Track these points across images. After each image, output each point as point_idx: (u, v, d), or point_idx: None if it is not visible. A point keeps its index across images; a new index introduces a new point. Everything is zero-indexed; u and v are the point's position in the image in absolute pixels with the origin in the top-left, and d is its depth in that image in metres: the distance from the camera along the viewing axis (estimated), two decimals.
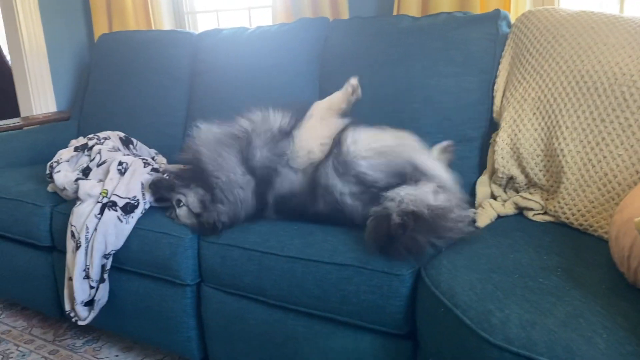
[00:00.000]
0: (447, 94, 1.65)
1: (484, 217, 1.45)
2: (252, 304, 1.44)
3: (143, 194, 1.60)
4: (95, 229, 1.56)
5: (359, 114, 1.80)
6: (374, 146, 1.43)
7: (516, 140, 1.50)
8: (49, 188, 1.88)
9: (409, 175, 1.35)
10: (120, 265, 1.62)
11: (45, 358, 1.86)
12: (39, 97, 2.88)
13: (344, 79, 1.85)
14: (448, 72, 1.66)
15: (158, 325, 1.63)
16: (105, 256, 1.58)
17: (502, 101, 1.60)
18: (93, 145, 1.85)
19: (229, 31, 2.22)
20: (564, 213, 1.36)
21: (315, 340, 1.34)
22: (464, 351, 0.96)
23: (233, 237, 1.43)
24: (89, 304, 1.64)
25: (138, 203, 1.59)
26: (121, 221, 1.56)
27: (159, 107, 2.30)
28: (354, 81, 1.64)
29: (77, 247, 1.58)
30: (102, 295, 1.63)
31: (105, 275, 1.60)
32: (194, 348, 1.60)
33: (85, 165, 1.78)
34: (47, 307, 1.95)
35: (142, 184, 1.61)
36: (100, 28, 2.79)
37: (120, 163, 1.67)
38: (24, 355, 1.89)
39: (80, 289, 1.60)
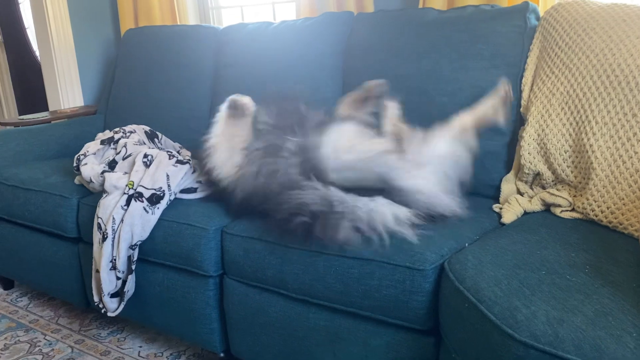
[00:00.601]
0: (475, 87, 1.63)
1: (510, 212, 1.42)
2: (274, 297, 1.44)
3: (168, 185, 1.62)
4: (122, 220, 1.58)
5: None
6: (347, 158, 1.36)
7: (543, 135, 1.47)
8: (76, 180, 1.92)
9: (383, 190, 1.31)
10: (145, 256, 1.64)
11: (72, 347, 1.90)
12: (67, 92, 2.94)
13: (368, 73, 1.85)
14: (475, 65, 1.64)
15: (181, 317, 1.64)
16: (132, 247, 1.60)
17: (529, 96, 1.57)
18: (119, 139, 1.88)
19: (253, 26, 2.23)
20: (593, 210, 1.33)
21: (336, 334, 1.34)
22: (488, 347, 0.95)
23: (256, 229, 1.44)
24: (117, 295, 1.67)
25: (164, 194, 1.60)
26: (147, 212, 1.58)
27: (183, 101, 2.33)
28: (504, 85, 1.45)
29: (104, 239, 1.60)
30: (131, 286, 1.66)
31: (133, 267, 1.62)
32: (217, 340, 1.61)
33: (111, 158, 1.80)
34: (73, 298, 1.98)
35: (168, 175, 1.63)
36: (127, 23, 2.83)
37: (145, 155, 1.69)
38: (50, 344, 1.93)
39: (107, 281, 1.62)
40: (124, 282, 1.64)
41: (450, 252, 1.22)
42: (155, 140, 2.03)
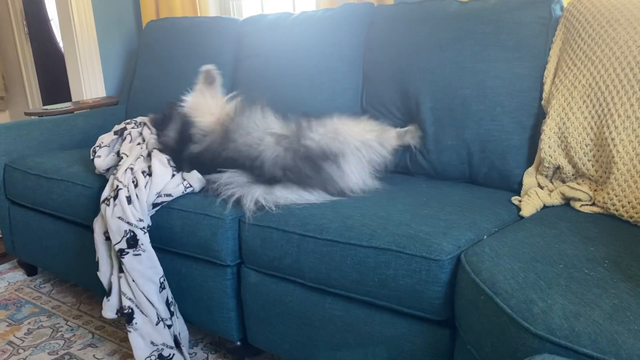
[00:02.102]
0: (499, 79, 1.61)
1: (529, 206, 1.41)
2: (291, 286, 1.45)
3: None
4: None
5: (407, 101, 1.79)
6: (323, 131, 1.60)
7: (564, 129, 1.45)
8: (97, 170, 1.95)
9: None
10: (164, 246, 1.67)
11: (92, 333, 1.94)
12: (90, 83, 2.98)
13: (389, 66, 1.84)
14: (499, 57, 1.62)
15: (199, 306, 1.67)
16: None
17: (550, 89, 1.55)
18: (130, 131, 1.95)
19: (273, 17, 2.23)
20: (614, 205, 1.31)
21: (352, 324, 1.34)
22: (503, 340, 0.95)
23: (274, 219, 1.45)
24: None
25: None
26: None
27: None
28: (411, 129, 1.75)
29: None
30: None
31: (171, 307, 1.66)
32: (234, 329, 1.63)
33: (119, 148, 1.88)
34: (94, 285, 2.02)
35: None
36: (148, 15, 2.85)
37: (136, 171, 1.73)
38: (72, 330, 1.97)
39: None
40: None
41: (467, 243, 1.21)
42: None
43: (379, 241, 1.24)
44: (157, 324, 1.58)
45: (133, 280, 1.57)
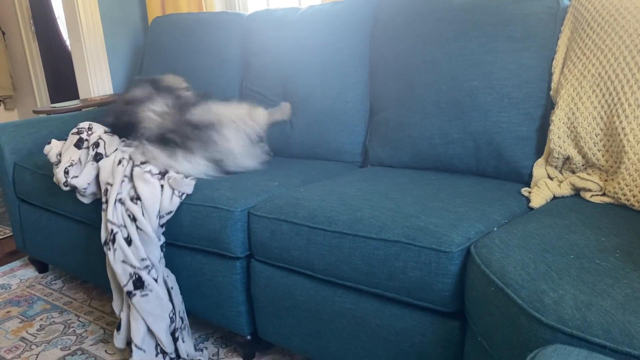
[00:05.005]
0: (506, 70, 1.60)
1: (539, 197, 1.40)
2: (300, 279, 1.46)
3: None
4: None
5: (413, 94, 1.79)
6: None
7: (574, 119, 1.44)
8: (79, 190, 1.88)
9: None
10: (174, 240, 1.67)
11: (104, 329, 1.95)
12: (97, 80, 2.99)
13: (396, 59, 1.84)
14: (506, 48, 1.61)
15: (209, 300, 1.67)
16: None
17: (559, 79, 1.53)
18: (87, 138, 1.86)
19: (281, 12, 2.23)
20: (625, 194, 1.30)
21: (362, 317, 1.34)
22: (514, 331, 0.94)
23: (283, 211, 1.45)
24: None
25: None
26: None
27: (211, 89, 2.34)
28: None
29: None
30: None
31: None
32: (244, 323, 1.64)
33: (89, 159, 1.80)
34: (104, 282, 2.03)
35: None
36: (154, 11, 2.86)
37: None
38: (84, 325, 1.98)
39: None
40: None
41: (477, 235, 1.21)
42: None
43: (388, 233, 1.24)
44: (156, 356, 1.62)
45: (143, 319, 1.59)
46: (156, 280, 1.59)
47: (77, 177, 1.78)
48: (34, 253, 2.37)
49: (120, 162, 1.71)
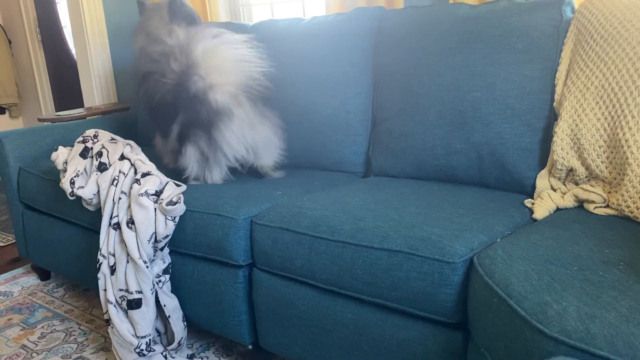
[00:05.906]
0: (509, 82, 1.60)
1: (542, 208, 1.40)
2: (302, 288, 1.45)
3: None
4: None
5: (416, 105, 1.79)
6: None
7: (577, 130, 1.44)
8: (85, 199, 1.89)
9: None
10: (176, 248, 1.67)
11: (105, 337, 1.95)
12: (101, 89, 3.01)
13: (399, 70, 1.84)
14: (509, 59, 1.61)
15: (211, 309, 1.67)
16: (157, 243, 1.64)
17: (562, 90, 1.54)
18: (92, 147, 1.87)
19: (285, 22, 2.24)
20: (628, 206, 1.29)
21: (364, 327, 1.34)
22: (517, 342, 0.94)
23: (285, 220, 1.45)
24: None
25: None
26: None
27: None
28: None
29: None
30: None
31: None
32: (245, 332, 1.63)
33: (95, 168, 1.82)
34: None
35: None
36: None
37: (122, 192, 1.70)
38: (85, 334, 1.98)
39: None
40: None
41: (480, 246, 1.21)
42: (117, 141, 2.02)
43: (391, 243, 1.24)
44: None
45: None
46: (128, 317, 1.62)
47: (82, 187, 1.79)
48: (36, 260, 2.37)
49: (114, 180, 1.70)
